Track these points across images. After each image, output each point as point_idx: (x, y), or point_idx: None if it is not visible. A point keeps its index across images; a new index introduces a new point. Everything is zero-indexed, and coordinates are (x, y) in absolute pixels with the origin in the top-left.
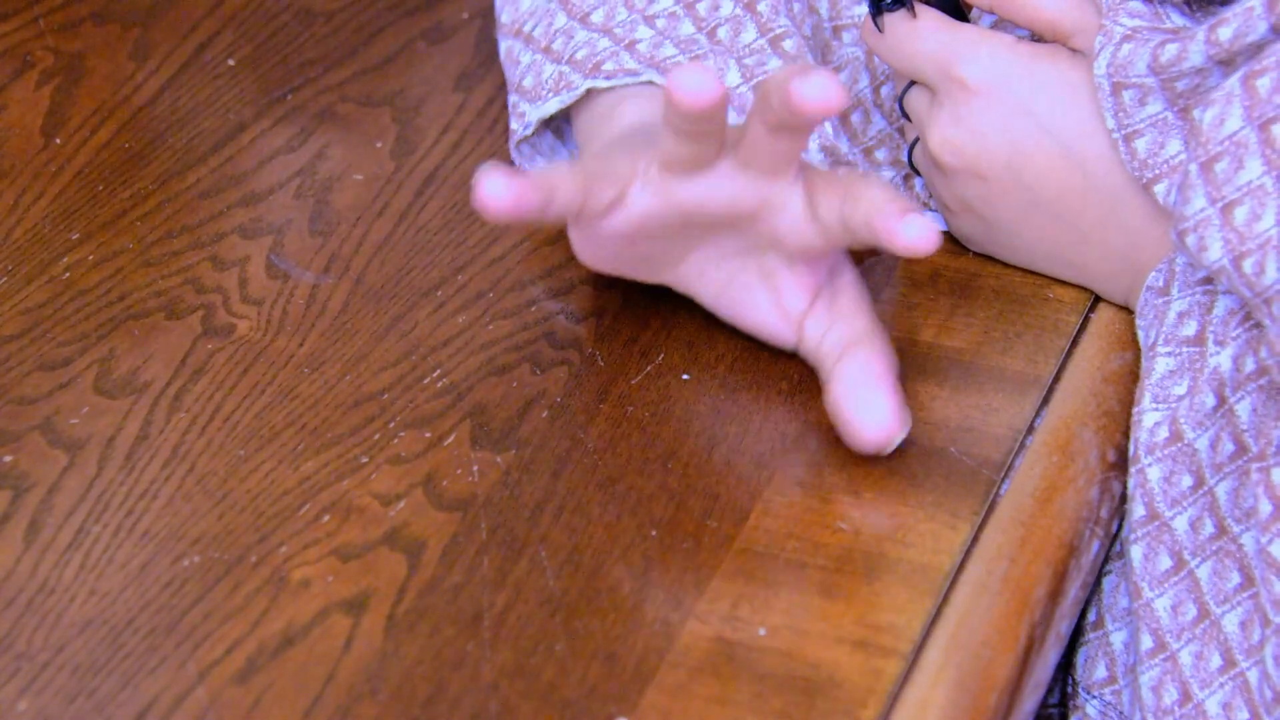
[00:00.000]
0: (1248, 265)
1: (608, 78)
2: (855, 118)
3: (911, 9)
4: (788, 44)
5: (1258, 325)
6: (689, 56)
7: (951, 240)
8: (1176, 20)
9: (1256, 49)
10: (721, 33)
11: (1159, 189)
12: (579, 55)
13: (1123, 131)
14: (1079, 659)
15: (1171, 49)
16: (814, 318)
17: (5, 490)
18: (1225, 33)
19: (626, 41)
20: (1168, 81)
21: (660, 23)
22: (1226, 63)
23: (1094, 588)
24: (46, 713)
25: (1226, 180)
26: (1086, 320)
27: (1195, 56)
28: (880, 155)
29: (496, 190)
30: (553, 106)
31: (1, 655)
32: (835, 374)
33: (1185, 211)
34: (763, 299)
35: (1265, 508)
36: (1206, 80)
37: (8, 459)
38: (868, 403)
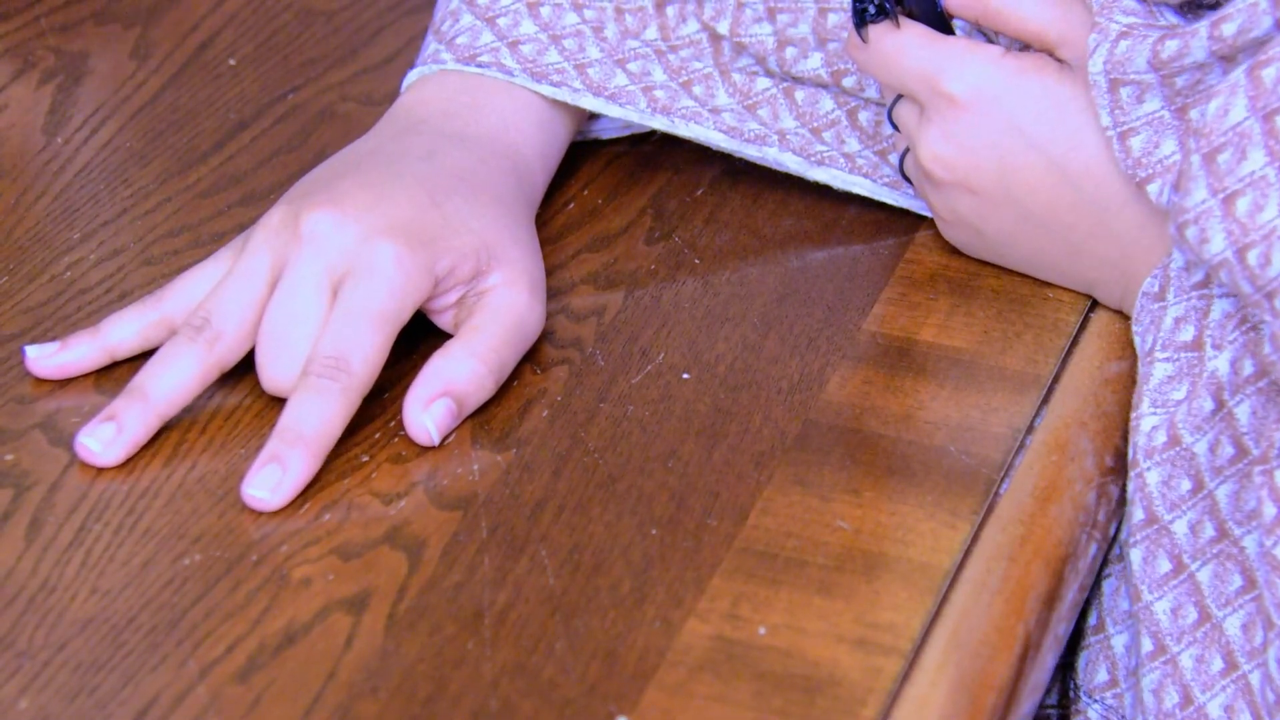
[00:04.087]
0: (1252, 257)
1: (480, 67)
2: (863, 117)
3: (895, 19)
4: (631, 63)
5: (1255, 328)
6: (574, 64)
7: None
8: (1170, 19)
9: (1260, 44)
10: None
11: (1152, 189)
12: (460, 40)
13: (1118, 129)
14: (1080, 662)
15: (1173, 44)
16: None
17: (6, 488)
18: (1229, 28)
19: (510, 40)
20: (1168, 78)
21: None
22: (1228, 58)
23: (1094, 591)
24: (47, 710)
25: (1229, 171)
26: (1086, 320)
27: (1198, 52)
28: (893, 158)
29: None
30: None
31: (3, 653)
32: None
33: (1185, 204)
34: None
35: (1270, 510)
36: (1207, 76)
37: (9, 457)
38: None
